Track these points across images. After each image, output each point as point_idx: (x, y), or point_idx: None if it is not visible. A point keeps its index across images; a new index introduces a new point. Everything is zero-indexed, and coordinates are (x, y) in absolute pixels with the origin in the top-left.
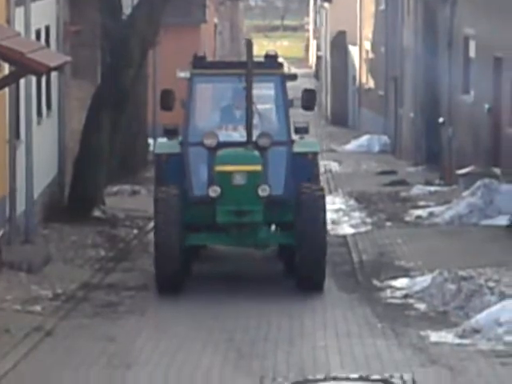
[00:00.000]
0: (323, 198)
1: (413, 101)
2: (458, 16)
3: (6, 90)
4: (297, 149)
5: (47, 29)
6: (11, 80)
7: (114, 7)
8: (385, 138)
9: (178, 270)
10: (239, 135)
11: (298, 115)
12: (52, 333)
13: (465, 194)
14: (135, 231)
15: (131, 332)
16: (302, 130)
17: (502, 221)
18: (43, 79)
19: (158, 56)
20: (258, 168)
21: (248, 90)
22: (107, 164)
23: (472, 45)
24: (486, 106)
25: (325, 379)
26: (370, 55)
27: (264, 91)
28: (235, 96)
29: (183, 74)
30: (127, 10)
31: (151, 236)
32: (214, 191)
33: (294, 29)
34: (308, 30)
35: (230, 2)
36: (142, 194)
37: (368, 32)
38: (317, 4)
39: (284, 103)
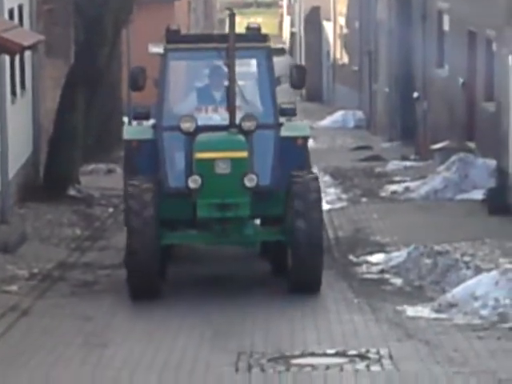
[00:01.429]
0: (318, 187)
1: (387, 75)
2: None
3: None
4: (285, 133)
5: (20, 7)
6: None
7: None
8: (359, 114)
9: (154, 275)
10: (220, 118)
11: None
12: (28, 312)
13: (440, 168)
14: (110, 210)
15: (108, 311)
16: (289, 112)
17: (477, 195)
18: (17, 58)
19: (131, 34)
20: (244, 154)
21: (230, 66)
22: (82, 143)
23: (446, 19)
24: (461, 80)
25: (302, 355)
26: (344, 30)
27: (248, 68)
28: (215, 73)
29: (156, 49)
30: None
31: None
32: (194, 182)
33: (268, 5)
34: (282, 6)
35: None
36: (117, 172)
37: (342, 7)
38: None
39: (270, 81)
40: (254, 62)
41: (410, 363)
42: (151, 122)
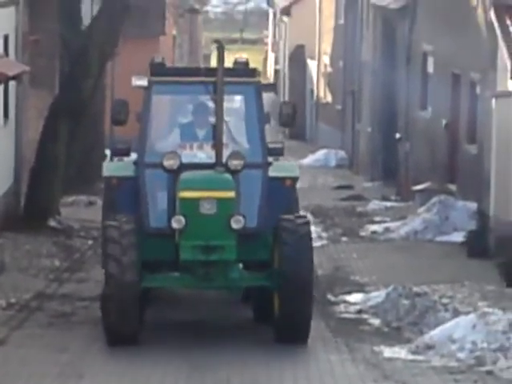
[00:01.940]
0: (309, 233)
1: (370, 116)
2: (417, 32)
3: None
4: (273, 173)
5: (6, 38)
6: None
7: (73, 17)
8: (342, 153)
9: (133, 322)
10: (205, 156)
11: None
12: (5, 342)
13: (420, 209)
14: (90, 242)
15: (84, 342)
16: (277, 151)
17: (458, 237)
18: (1, 88)
19: (116, 67)
20: (231, 194)
21: (218, 101)
22: (63, 174)
23: (430, 61)
24: (444, 121)
25: None
26: (329, 69)
27: (235, 103)
28: (200, 109)
29: (140, 82)
30: (86, 21)
31: None
32: (178, 222)
33: (253, 42)
34: (267, 44)
35: (189, 15)
36: (97, 204)
37: (327, 46)
38: (276, 17)
39: (259, 118)
40: (242, 97)
41: None
42: (132, 157)
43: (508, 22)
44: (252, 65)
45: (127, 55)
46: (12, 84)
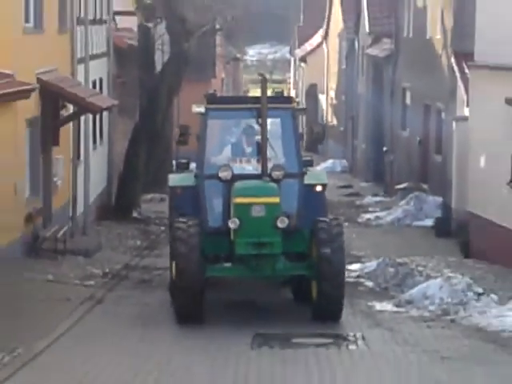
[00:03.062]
0: (342, 233)
1: (364, 134)
2: (398, 73)
3: (71, 124)
4: (307, 180)
5: (101, 80)
6: (74, 117)
7: (148, 65)
8: (344, 162)
9: (200, 306)
10: (252, 168)
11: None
12: (102, 301)
13: (401, 203)
14: (162, 228)
15: (160, 300)
16: (308, 163)
17: (428, 223)
18: (97, 116)
19: (180, 102)
20: (277, 200)
21: (262, 123)
22: (143, 179)
23: (408, 94)
24: (418, 138)
25: (301, 335)
26: (334, 101)
27: (276, 125)
28: (247, 130)
29: (198, 109)
30: (158, 67)
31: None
32: (234, 223)
33: (280, 81)
34: (289, 83)
35: (233, 62)
36: (167, 201)
37: (333, 84)
38: (296, 64)
39: (295, 137)
40: (281, 120)
41: (378, 344)
42: (192, 170)
43: (464, 66)
44: None
45: (188, 93)
46: (105, 114)
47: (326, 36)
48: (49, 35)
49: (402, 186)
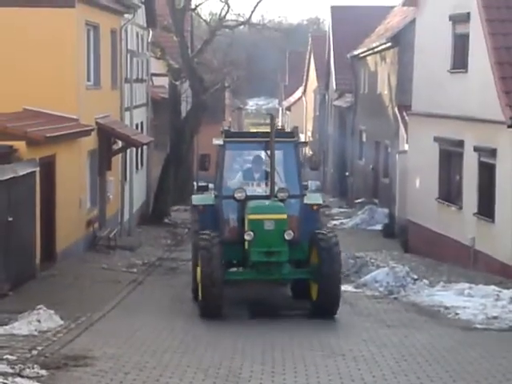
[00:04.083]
0: (338, 242)
1: (333, 163)
2: (357, 119)
3: (120, 154)
4: (306, 201)
5: (141, 123)
6: (122, 150)
7: (176, 112)
8: (317, 183)
9: (222, 304)
10: (262, 190)
11: None
12: (142, 283)
13: (359, 213)
14: (186, 230)
15: (184, 283)
16: (305, 187)
17: (378, 227)
18: (139, 149)
19: (199, 138)
20: (284, 216)
21: (271, 153)
22: (171, 195)
23: (364, 134)
24: (371, 166)
25: (276, 309)
26: (311, 139)
27: (281, 155)
28: (257, 159)
29: (217, 142)
30: (183, 113)
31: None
32: (249, 235)
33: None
34: (278, 125)
35: (237, 110)
36: (189, 211)
37: (310, 126)
38: (283, 111)
39: (297, 165)
40: (285, 151)
41: (342, 315)
42: (210, 191)
43: (404, 114)
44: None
45: (205, 132)
46: (144, 147)
47: (304, 92)
48: (104, 90)
49: (359, 200)
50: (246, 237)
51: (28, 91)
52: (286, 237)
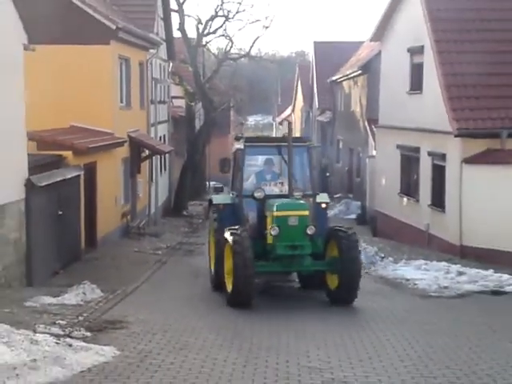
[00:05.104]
0: (357, 237)
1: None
2: (335, 131)
3: (147, 161)
4: (317, 200)
5: (164, 136)
6: (149, 157)
7: (191, 127)
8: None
9: (253, 295)
10: (278, 190)
11: None
12: (166, 263)
13: (337, 205)
14: (200, 220)
15: (200, 262)
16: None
17: (353, 216)
18: (162, 157)
19: (210, 147)
20: (307, 213)
21: (289, 157)
22: (188, 192)
23: (341, 143)
24: (346, 168)
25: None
26: None
27: (296, 158)
28: (271, 161)
29: (238, 146)
30: (197, 128)
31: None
32: (274, 230)
33: (268, 136)
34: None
35: (240, 125)
36: (203, 205)
37: (297, 135)
38: (276, 125)
39: (310, 167)
40: (301, 154)
41: None
42: (225, 192)
43: (372, 126)
44: None
45: (214, 142)
46: (167, 155)
47: (293, 109)
48: (134, 110)
49: (337, 195)
50: (272, 232)
51: (74, 111)
52: (309, 232)
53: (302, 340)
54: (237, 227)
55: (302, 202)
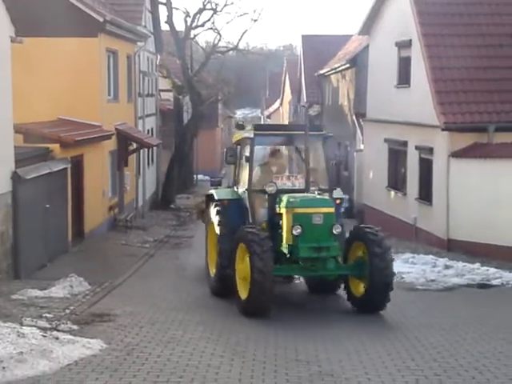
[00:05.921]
0: (390, 247)
1: None
2: (323, 124)
3: (135, 154)
4: (334, 195)
5: (152, 129)
6: (136, 150)
7: (179, 120)
8: None
9: (271, 298)
10: (291, 184)
11: None
12: (153, 256)
13: None
14: (187, 213)
15: (187, 255)
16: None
17: (341, 209)
18: (150, 150)
19: (198, 140)
20: (332, 210)
21: (306, 147)
22: (176, 185)
23: None
24: (334, 162)
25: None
26: None
27: (310, 148)
28: (283, 152)
29: (247, 134)
30: (185, 121)
31: (194, 216)
32: (296, 230)
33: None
34: None
35: (228, 118)
36: (190, 198)
37: None
38: (264, 119)
39: (326, 158)
40: (314, 145)
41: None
42: (224, 185)
43: (360, 120)
44: None
45: (202, 135)
46: (154, 148)
47: (281, 103)
48: (121, 103)
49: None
50: (294, 231)
51: (61, 104)
52: (335, 231)
53: (291, 334)
54: (252, 226)
55: (325, 197)
